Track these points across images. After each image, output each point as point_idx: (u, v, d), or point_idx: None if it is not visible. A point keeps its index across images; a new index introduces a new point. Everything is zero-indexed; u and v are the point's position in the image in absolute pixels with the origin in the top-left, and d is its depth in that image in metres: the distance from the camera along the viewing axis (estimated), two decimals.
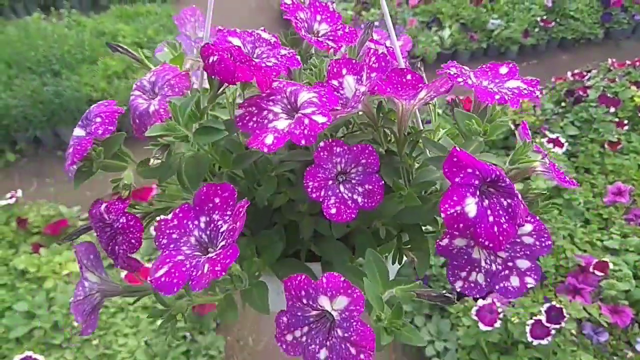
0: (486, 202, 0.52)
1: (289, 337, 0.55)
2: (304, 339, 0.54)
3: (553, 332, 2.04)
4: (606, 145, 3.11)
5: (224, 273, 0.49)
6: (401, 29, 4.39)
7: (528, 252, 0.58)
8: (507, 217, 0.52)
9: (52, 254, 2.57)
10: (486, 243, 0.52)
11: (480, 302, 2.18)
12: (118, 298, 2.36)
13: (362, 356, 0.50)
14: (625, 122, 3.24)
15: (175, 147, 0.65)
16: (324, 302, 0.51)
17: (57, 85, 3.65)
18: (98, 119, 0.63)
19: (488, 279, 0.57)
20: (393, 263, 0.72)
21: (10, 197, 2.84)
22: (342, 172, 0.62)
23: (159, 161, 0.62)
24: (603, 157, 3.08)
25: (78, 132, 0.65)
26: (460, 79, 0.62)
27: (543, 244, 0.58)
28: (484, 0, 5.08)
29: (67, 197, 3.40)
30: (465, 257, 0.57)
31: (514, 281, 0.58)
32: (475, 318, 2.14)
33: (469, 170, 0.51)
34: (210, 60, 0.58)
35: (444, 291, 0.59)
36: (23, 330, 2.25)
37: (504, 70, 0.67)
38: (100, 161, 0.66)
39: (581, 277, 2.34)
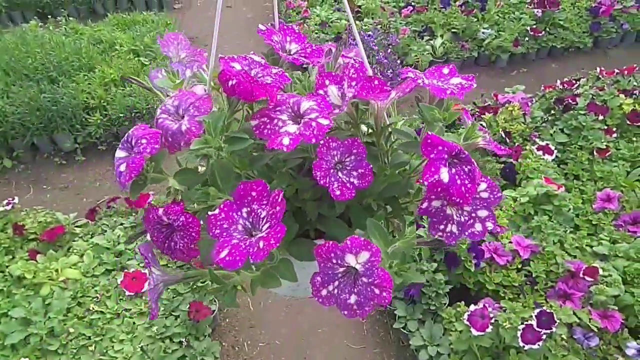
0: (453, 170, 0.69)
1: (324, 292, 0.69)
2: (335, 291, 0.68)
3: (544, 336, 2.07)
4: (595, 153, 3.17)
5: (277, 245, 0.63)
6: (394, 38, 4.44)
7: (485, 204, 0.74)
8: (469, 180, 0.69)
9: (48, 260, 2.58)
10: (458, 200, 0.69)
11: (473, 308, 2.22)
12: (115, 304, 2.39)
13: (384, 294, 0.65)
14: (614, 129, 3.30)
15: (213, 156, 0.76)
16: (349, 259, 0.65)
17: (54, 92, 3.66)
18: (144, 140, 0.73)
19: (459, 228, 0.74)
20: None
21: (7, 204, 2.85)
22: (339, 162, 0.75)
23: (204, 167, 0.74)
24: (592, 164, 3.14)
25: (121, 154, 0.75)
26: (420, 81, 0.80)
27: (495, 196, 0.75)
28: (475, 10, 5.16)
29: (63, 203, 3.42)
30: (441, 214, 0.73)
31: (478, 227, 0.74)
32: (467, 323, 2.17)
33: (440, 147, 0.68)
34: (230, 84, 0.71)
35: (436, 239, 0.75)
36: (19, 337, 2.25)
37: (445, 70, 0.84)
38: (151, 174, 0.78)
39: (571, 282, 2.38)
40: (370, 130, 0.84)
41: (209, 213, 0.69)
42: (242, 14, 6.11)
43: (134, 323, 2.34)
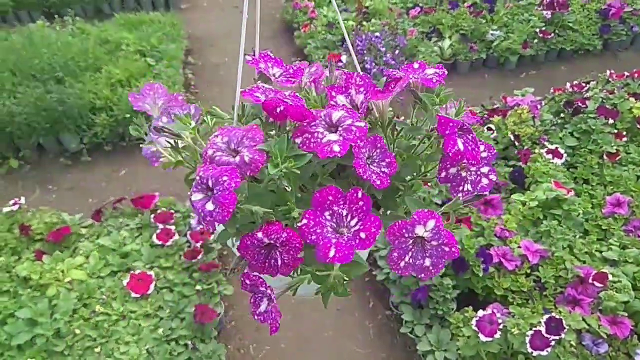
0: (463, 139, 0.83)
1: (402, 264, 0.79)
2: (411, 260, 0.79)
3: (552, 343, 2.05)
4: (605, 157, 3.13)
5: (379, 232, 0.74)
6: (402, 39, 4.42)
7: (486, 162, 0.89)
8: (474, 144, 0.84)
9: (54, 261, 2.58)
10: (472, 162, 0.84)
11: (481, 313, 2.19)
12: (120, 306, 2.38)
13: (453, 249, 0.78)
14: (624, 133, 3.27)
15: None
16: (418, 230, 0.77)
17: (61, 92, 3.66)
18: (225, 177, 0.75)
19: (472, 186, 0.88)
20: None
21: (14, 204, 2.85)
22: (369, 157, 0.85)
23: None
24: (602, 168, 3.10)
25: (198, 196, 0.77)
26: (410, 76, 0.93)
27: (492, 154, 0.90)
28: (484, 11, 5.12)
29: (69, 204, 3.42)
30: (458, 178, 0.88)
31: (484, 181, 0.89)
32: (476, 329, 2.15)
33: (451, 124, 0.82)
34: (278, 110, 0.79)
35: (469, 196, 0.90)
36: (25, 338, 2.24)
37: (416, 65, 0.96)
38: (241, 205, 0.80)
39: (580, 288, 2.35)
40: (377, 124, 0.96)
41: (298, 225, 0.76)
42: (250, 17, 6.10)
43: (139, 325, 2.33)
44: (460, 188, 0.88)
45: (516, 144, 3.21)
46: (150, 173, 3.62)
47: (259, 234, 0.77)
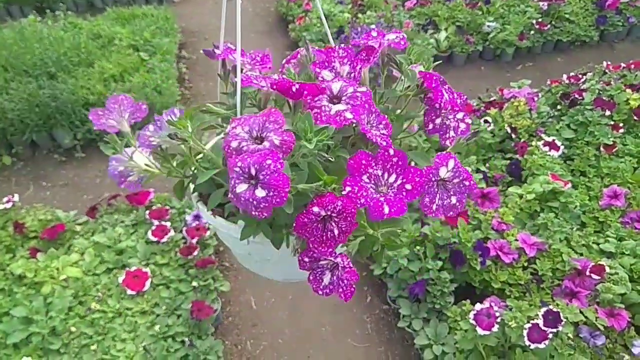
0: (445, 87, 0.92)
1: (434, 207, 0.84)
2: (440, 202, 0.85)
3: (550, 335, 2.05)
4: (602, 148, 3.13)
5: (423, 181, 0.81)
6: (397, 31, 4.39)
7: (459, 108, 0.95)
8: (452, 92, 0.93)
9: (49, 258, 2.55)
10: (457, 108, 0.94)
11: (478, 306, 2.19)
12: (116, 303, 2.37)
13: (471, 183, 0.86)
14: (621, 125, 3.26)
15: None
16: (442, 171, 0.83)
17: (54, 88, 3.63)
18: (269, 161, 0.73)
19: (455, 131, 0.96)
20: None
21: (7, 202, 2.83)
22: (368, 122, 0.88)
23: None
24: (599, 160, 3.10)
25: (243, 187, 0.75)
26: (382, 41, 0.99)
27: (462, 100, 0.96)
28: (480, 3, 5.10)
29: (63, 200, 3.40)
30: (444, 126, 0.95)
31: (462, 126, 0.96)
32: (473, 322, 2.15)
33: (434, 78, 0.91)
34: (294, 89, 0.83)
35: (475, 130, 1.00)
36: (21, 336, 2.23)
37: (374, 34, 1.01)
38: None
39: (578, 280, 2.35)
40: None
41: (342, 194, 0.79)
42: (245, 11, 6.05)
43: (136, 322, 2.32)
44: (446, 136, 0.96)
45: (513, 136, 3.20)
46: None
47: (315, 209, 0.78)
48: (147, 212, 2.76)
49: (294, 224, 0.80)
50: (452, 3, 5.10)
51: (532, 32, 4.94)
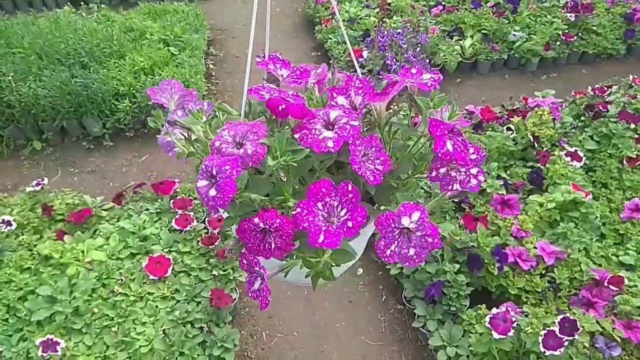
0: (453, 141, 0.89)
1: (388, 252, 0.85)
2: (396, 249, 0.85)
3: (566, 343, 2.05)
4: (625, 161, 3.11)
5: (364, 222, 0.82)
6: (423, 36, 4.41)
7: (475, 163, 0.95)
8: (463, 147, 0.90)
9: (75, 241, 2.63)
10: (461, 163, 0.91)
11: (494, 311, 2.20)
12: (138, 287, 2.43)
13: (435, 240, 0.83)
14: None
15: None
16: (404, 220, 0.83)
17: (86, 77, 3.72)
18: (227, 167, 0.82)
19: (462, 185, 0.95)
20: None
21: (37, 185, 2.92)
22: (364, 154, 0.90)
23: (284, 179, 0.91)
24: (621, 172, 3.08)
25: (203, 183, 0.85)
26: (406, 81, 0.99)
27: (481, 156, 0.96)
28: (507, 12, 5.09)
29: (90, 187, 3.49)
30: (447, 177, 0.94)
31: (473, 182, 0.95)
32: (489, 326, 2.16)
33: (442, 126, 0.89)
34: (281, 109, 0.86)
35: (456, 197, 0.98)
36: (45, 314, 2.30)
37: (413, 70, 1.01)
38: (241, 192, 0.88)
39: (595, 290, 2.35)
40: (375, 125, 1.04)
41: (292, 213, 0.83)
42: (271, 9, 6.13)
43: (156, 307, 2.38)
44: (449, 187, 0.94)
45: (535, 145, 3.20)
46: (170, 160, 3.66)
47: (256, 219, 0.84)
48: (172, 201, 2.83)
49: (238, 227, 0.87)
50: (478, 11, 5.11)
51: (558, 43, 4.92)
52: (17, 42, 4.09)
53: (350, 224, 0.82)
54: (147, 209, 2.86)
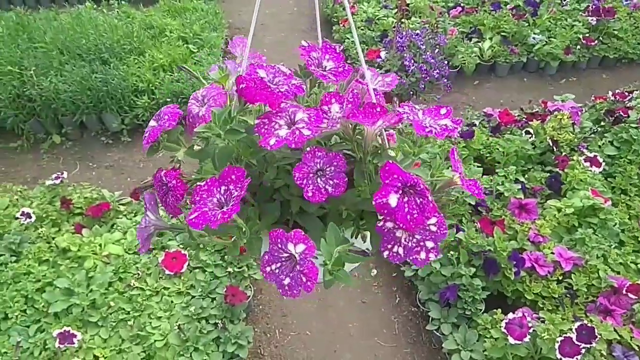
0: (405, 198, 0.78)
1: (268, 269, 0.81)
2: (277, 271, 0.81)
3: (583, 351, 2.03)
4: None
5: (228, 219, 0.77)
6: (442, 38, 4.39)
7: (433, 237, 0.81)
8: (418, 211, 0.78)
9: (93, 235, 2.66)
10: (401, 225, 0.78)
11: (510, 316, 2.18)
12: (154, 282, 2.45)
13: (309, 283, 0.78)
14: None
15: (213, 140, 0.94)
16: (290, 247, 0.78)
17: (106, 73, 3.77)
18: (166, 117, 0.92)
19: (405, 252, 0.82)
20: (350, 237, 0.99)
21: (56, 178, 2.96)
22: (321, 169, 0.86)
23: (200, 147, 0.95)
24: None
25: (152, 123, 0.94)
26: (406, 116, 0.89)
27: (442, 232, 0.82)
28: (527, 14, 5.05)
29: (108, 181, 3.53)
30: (391, 235, 0.82)
31: (422, 255, 0.82)
32: (505, 331, 2.15)
33: (395, 176, 0.77)
34: (240, 87, 0.86)
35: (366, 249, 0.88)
36: (62, 306, 2.33)
37: (443, 111, 0.92)
38: (164, 143, 0.96)
39: (613, 298, 2.32)
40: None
41: (198, 184, 0.85)
42: (287, 8, 6.14)
43: (172, 302, 2.39)
44: (390, 247, 0.82)
45: (554, 149, 3.17)
46: (187, 158, 3.69)
47: (162, 173, 0.92)
48: (189, 197, 2.84)
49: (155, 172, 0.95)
50: (498, 13, 5.07)
51: (578, 46, 4.86)
52: (40, 37, 4.15)
53: (219, 216, 0.79)
54: None
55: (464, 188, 0.88)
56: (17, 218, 2.74)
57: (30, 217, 2.74)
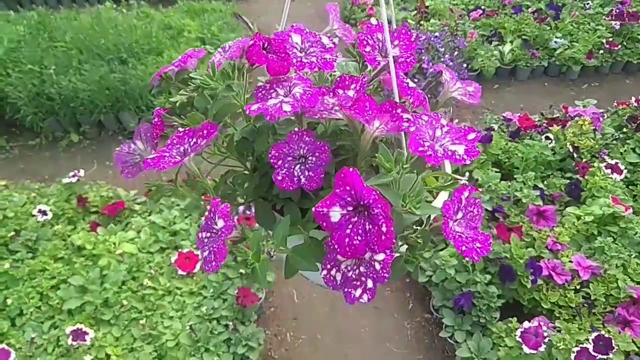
0: (355, 219, 0.66)
1: (200, 235, 0.79)
2: (205, 240, 0.78)
3: None
4: None
5: (174, 165, 0.77)
6: (461, 41, 4.34)
7: (374, 276, 0.70)
8: (362, 238, 0.65)
9: (108, 233, 2.68)
10: (335, 246, 0.66)
11: (526, 325, 2.14)
12: (167, 281, 2.45)
13: (213, 263, 0.74)
14: None
15: (217, 93, 0.88)
16: (217, 220, 0.76)
17: (124, 73, 3.80)
18: (188, 57, 0.95)
19: (342, 280, 0.71)
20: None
21: (73, 176, 2.98)
22: (303, 156, 0.79)
23: (186, 95, 0.91)
24: None
25: (175, 62, 0.96)
26: (405, 124, 0.75)
27: (384, 274, 0.70)
28: (548, 18, 4.97)
29: (123, 180, 3.53)
30: (334, 255, 0.71)
31: (357, 292, 0.71)
32: (520, 340, 2.10)
33: (348, 187, 0.65)
34: (249, 44, 0.82)
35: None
36: (76, 304, 2.36)
37: (471, 136, 0.75)
38: (172, 82, 0.97)
39: (632, 309, 2.26)
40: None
41: (179, 129, 0.83)
42: (305, 11, 6.14)
43: (184, 302, 2.40)
44: (329, 267, 0.72)
45: (574, 155, 3.10)
46: (200, 159, 3.71)
47: (154, 112, 0.95)
48: (202, 197, 2.85)
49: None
50: (519, 16, 5.00)
51: (601, 51, 4.76)
52: (60, 37, 4.21)
53: (175, 159, 0.78)
54: (178, 205, 2.89)
55: (454, 245, 0.71)
56: (33, 215, 2.77)
57: (46, 215, 2.77)
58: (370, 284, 0.70)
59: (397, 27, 0.95)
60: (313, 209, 0.66)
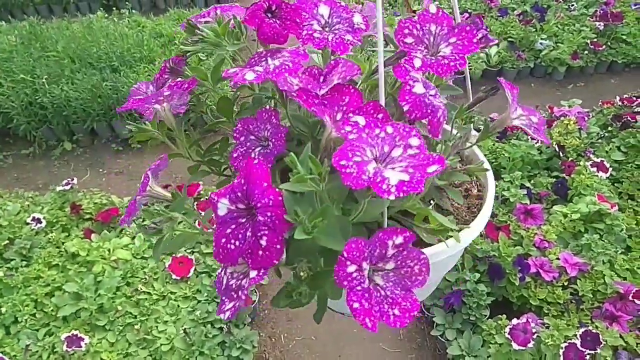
0: (243, 219, 0.57)
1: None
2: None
3: (587, 357, 2.02)
4: None
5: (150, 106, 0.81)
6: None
7: (232, 292, 0.64)
8: (239, 244, 0.56)
9: (102, 240, 2.70)
10: (214, 246, 0.60)
11: (515, 321, 2.18)
12: (161, 286, 2.48)
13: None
14: None
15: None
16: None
17: (116, 81, 3.83)
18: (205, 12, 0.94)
19: (224, 286, 0.61)
20: None
21: (66, 184, 3.00)
22: (267, 138, 0.76)
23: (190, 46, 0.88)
24: None
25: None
26: (348, 128, 0.61)
27: (242, 296, 0.62)
28: (534, 20, 5.04)
29: (118, 187, 3.58)
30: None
31: (228, 305, 0.60)
32: (509, 337, 2.14)
33: (243, 181, 0.60)
34: (254, 13, 0.76)
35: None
36: (70, 310, 2.37)
37: (432, 169, 0.57)
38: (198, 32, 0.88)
39: (619, 304, 2.31)
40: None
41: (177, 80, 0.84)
42: None
43: (178, 306, 2.42)
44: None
45: (560, 155, 3.16)
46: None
47: (170, 60, 0.95)
48: (195, 203, 2.88)
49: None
50: (505, 19, 5.07)
51: (585, 51, 4.84)
52: (52, 46, 4.24)
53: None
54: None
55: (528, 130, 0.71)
56: (27, 223, 2.79)
57: (40, 223, 2.79)
58: (242, 300, 0.55)
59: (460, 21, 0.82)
60: (210, 195, 0.61)
